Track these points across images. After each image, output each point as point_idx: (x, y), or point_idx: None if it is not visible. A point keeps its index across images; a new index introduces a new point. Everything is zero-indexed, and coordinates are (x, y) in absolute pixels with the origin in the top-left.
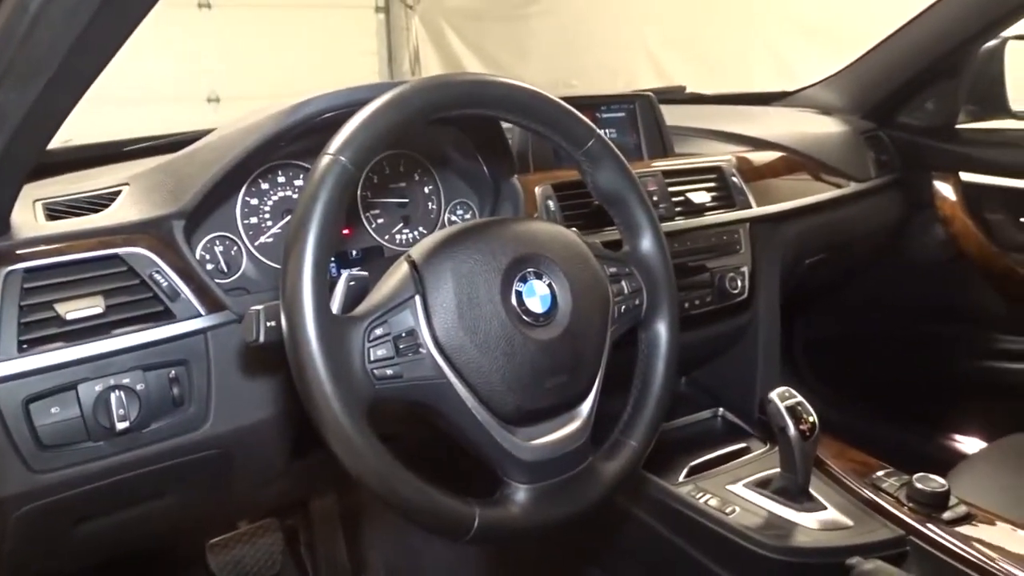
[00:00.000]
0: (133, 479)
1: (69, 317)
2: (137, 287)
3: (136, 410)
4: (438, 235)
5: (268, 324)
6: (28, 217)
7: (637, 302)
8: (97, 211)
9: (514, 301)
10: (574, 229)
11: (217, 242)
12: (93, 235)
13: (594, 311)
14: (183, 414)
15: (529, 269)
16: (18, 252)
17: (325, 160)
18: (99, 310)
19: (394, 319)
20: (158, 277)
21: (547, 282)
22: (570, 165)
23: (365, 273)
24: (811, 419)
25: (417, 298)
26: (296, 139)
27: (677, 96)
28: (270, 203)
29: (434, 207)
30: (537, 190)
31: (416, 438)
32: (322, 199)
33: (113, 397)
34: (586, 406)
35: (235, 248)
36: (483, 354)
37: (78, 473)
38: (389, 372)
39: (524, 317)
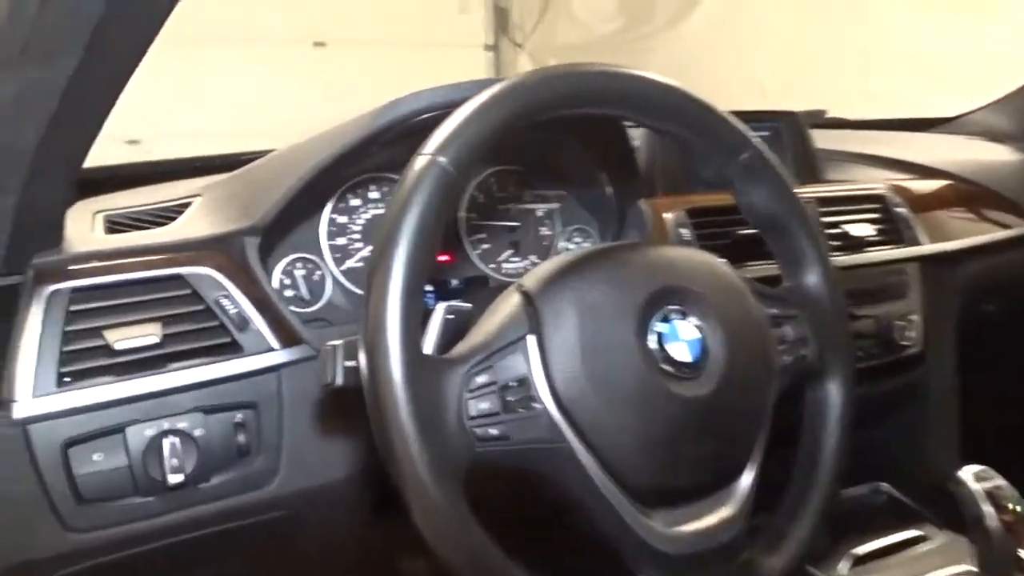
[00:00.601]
0: (185, 544)
1: (119, 347)
2: (201, 314)
3: (193, 460)
4: (557, 261)
5: (347, 364)
6: (84, 229)
7: (803, 352)
8: (163, 225)
9: (653, 346)
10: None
11: (298, 265)
12: (153, 252)
13: (755, 362)
14: (248, 467)
15: (672, 306)
16: (68, 269)
17: (420, 161)
18: (155, 339)
19: (501, 364)
20: (226, 303)
21: (695, 323)
22: (705, 189)
23: (468, 305)
24: (1018, 509)
25: (531, 338)
26: (390, 145)
27: (817, 120)
28: (361, 222)
29: (548, 233)
30: (667, 216)
31: (513, 499)
32: (416, 207)
33: (166, 444)
34: (743, 484)
35: (318, 272)
36: (613, 412)
37: (121, 534)
38: (493, 432)
39: (666, 367)
